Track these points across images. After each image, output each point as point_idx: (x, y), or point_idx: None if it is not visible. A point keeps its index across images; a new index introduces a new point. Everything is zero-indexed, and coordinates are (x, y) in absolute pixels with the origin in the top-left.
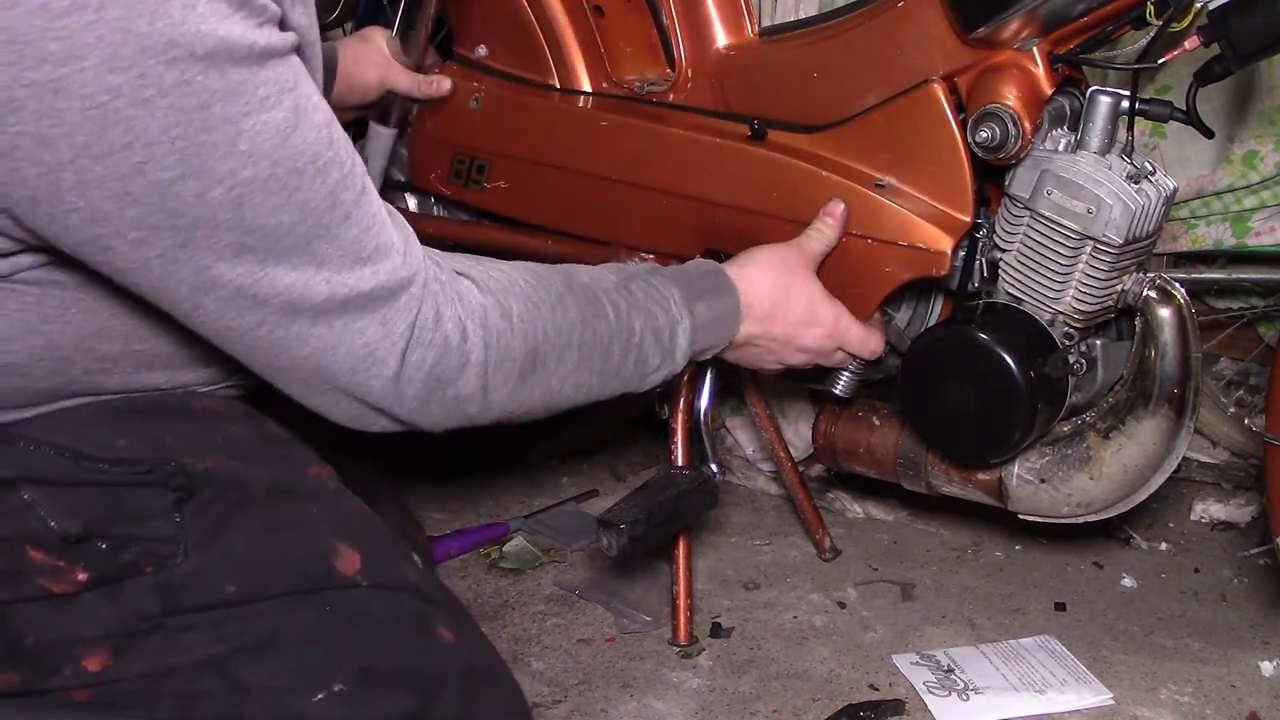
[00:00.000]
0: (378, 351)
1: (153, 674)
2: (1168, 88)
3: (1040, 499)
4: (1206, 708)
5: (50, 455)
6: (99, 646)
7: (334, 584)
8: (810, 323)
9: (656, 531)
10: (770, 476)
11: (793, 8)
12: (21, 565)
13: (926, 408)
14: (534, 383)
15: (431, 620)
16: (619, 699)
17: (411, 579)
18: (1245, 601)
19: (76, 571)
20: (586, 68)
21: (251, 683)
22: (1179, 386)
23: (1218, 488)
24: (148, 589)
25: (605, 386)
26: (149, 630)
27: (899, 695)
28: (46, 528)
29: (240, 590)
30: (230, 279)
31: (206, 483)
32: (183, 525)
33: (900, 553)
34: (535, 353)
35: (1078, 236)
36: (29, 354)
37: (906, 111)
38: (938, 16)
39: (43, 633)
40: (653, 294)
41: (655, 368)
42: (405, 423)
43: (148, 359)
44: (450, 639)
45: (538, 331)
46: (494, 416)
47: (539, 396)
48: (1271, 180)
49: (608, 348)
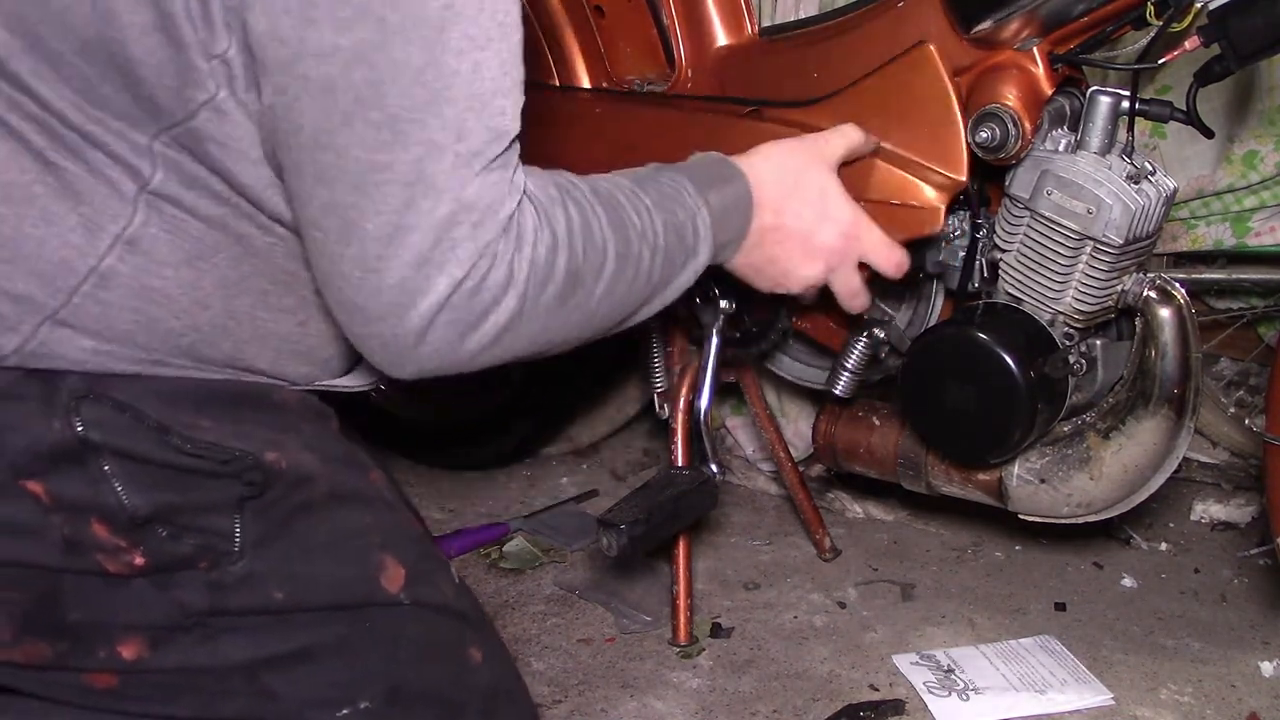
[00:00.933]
0: (459, 250)
1: (183, 669)
2: (1168, 88)
3: (1040, 499)
4: (1206, 708)
5: (137, 425)
6: (139, 635)
7: (377, 601)
8: (825, 217)
9: (656, 531)
10: (770, 476)
11: (793, 8)
12: (85, 537)
13: (927, 408)
14: (573, 305)
15: (464, 641)
16: (619, 699)
17: (449, 596)
18: (1245, 601)
19: (135, 555)
20: (587, 67)
21: (279, 692)
22: (1179, 386)
23: (1218, 488)
24: (199, 584)
25: (637, 298)
26: (190, 626)
27: (899, 695)
28: (119, 502)
29: (287, 598)
30: (393, 103)
31: (276, 480)
32: (242, 524)
33: (900, 553)
34: (577, 273)
35: (1078, 237)
36: (176, 284)
37: (902, 73)
38: (938, 16)
39: (89, 611)
40: (665, 190)
41: (681, 265)
42: (440, 351)
43: (263, 333)
44: (478, 659)
45: (579, 247)
46: (521, 349)
47: (576, 321)
48: (1271, 180)
49: (639, 255)
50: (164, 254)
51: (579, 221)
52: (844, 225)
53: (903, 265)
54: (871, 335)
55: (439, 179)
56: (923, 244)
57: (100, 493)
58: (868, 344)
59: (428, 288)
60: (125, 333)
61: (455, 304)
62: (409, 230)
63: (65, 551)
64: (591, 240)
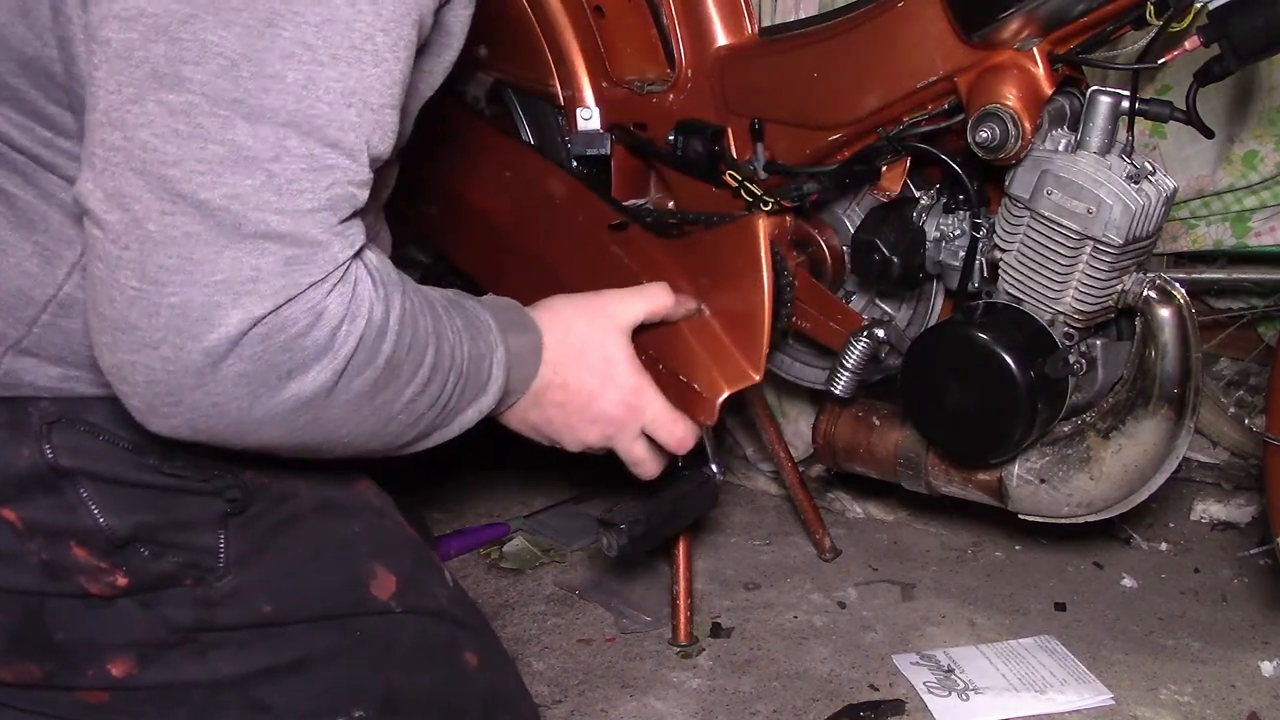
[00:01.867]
0: (262, 284)
1: (174, 684)
2: (1168, 88)
3: (1040, 499)
4: (1206, 708)
5: (111, 448)
6: (127, 653)
7: (367, 610)
8: (608, 383)
9: (656, 531)
10: (770, 476)
11: (793, 8)
12: (64, 560)
13: (926, 408)
14: (380, 403)
15: (459, 646)
16: (619, 699)
17: (443, 602)
18: (1245, 601)
19: (116, 575)
20: (586, 68)
21: (272, 704)
22: (1179, 386)
23: (1218, 488)
24: (185, 602)
25: (429, 422)
26: (178, 642)
27: (899, 695)
28: (96, 524)
29: (276, 611)
30: (194, 90)
31: (258, 495)
32: (227, 540)
33: (900, 553)
34: (397, 369)
35: (1078, 237)
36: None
37: (729, 241)
38: (938, 16)
39: (74, 631)
40: (471, 318)
41: (472, 400)
42: (219, 407)
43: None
44: (474, 664)
45: (407, 340)
46: (309, 438)
47: (371, 425)
48: (1271, 180)
49: (447, 372)
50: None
51: (412, 314)
52: (625, 394)
53: (685, 442)
54: (871, 335)
55: (244, 193)
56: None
57: (77, 516)
58: (868, 344)
59: (215, 318)
60: (90, 359)
61: (252, 353)
62: (200, 242)
63: (45, 575)
64: (418, 338)
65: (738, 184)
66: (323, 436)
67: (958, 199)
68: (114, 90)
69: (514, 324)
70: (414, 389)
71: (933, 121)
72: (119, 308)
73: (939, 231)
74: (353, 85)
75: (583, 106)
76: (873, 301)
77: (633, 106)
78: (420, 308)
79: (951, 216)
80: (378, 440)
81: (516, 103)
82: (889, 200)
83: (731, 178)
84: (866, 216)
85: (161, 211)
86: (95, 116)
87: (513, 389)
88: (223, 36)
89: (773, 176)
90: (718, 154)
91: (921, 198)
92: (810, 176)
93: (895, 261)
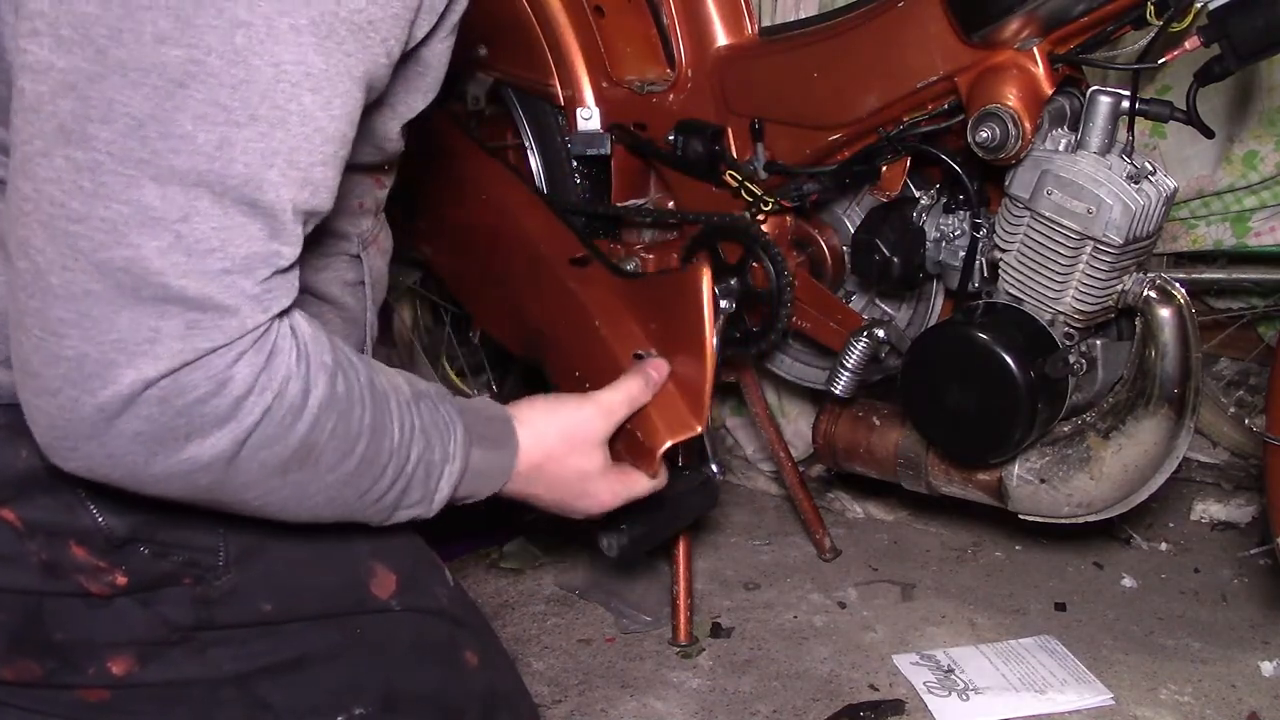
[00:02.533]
0: (160, 346)
1: (175, 682)
2: (1168, 88)
3: (1040, 499)
4: (1206, 708)
5: None
6: (127, 651)
7: (367, 608)
8: (582, 496)
9: (656, 531)
10: (770, 476)
11: (793, 8)
12: (63, 559)
13: (927, 408)
14: (292, 482)
15: (459, 645)
16: (619, 699)
17: (443, 601)
18: (1245, 601)
19: (116, 575)
20: (586, 68)
21: (272, 701)
22: (1179, 386)
23: (1218, 488)
24: (184, 600)
25: (355, 511)
26: (178, 641)
27: (899, 695)
28: (95, 524)
29: (275, 609)
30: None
31: None
32: (226, 539)
33: (900, 553)
34: (314, 452)
35: (1078, 237)
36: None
37: (674, 290)
38: (938, 16)
39: (74, 630)
40: (439, 421)
41: (410, 505)
42: (115, 460)
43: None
44: (474, 663)
45: (328, 426)
46: (218, 497)
47: (281, 500)
48: (1271, 180)
49: (382, 470)
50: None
51: (343, 400)
52: (598, 502)
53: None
54: (871, 335)
55: (148, 255)
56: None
57: (76, 516)
58: (868, 344)
59: (109, 375)
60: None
61: (148, 413)
62: (98, 300)
63: (44, 574)
64: (349, 428)
65: (738, 184)
66: (229, 498)
67: (958, 199)
68: (26, 141)
69: (488, 438)
70: (337, 477)
71: (933, 121)
72: (25, 351)
73: (939, 231)
74: (275, 145)
75: (583, 106)
76: (873, 301)
77: (633, 106)
78: (359, 397)
79: (951, 216)
80: (294, 514)
81: (516, 103)
82: (889, 200)
83: (732, 178)
84: (867, 216)
85: (63, 267)
86: (13, 163)
87: (464, 496)
88: (130, 96)
89: (773, 176)
90: (718, 154)
91: (921, 198)
92: (810, 176)
93: (895, 261)
